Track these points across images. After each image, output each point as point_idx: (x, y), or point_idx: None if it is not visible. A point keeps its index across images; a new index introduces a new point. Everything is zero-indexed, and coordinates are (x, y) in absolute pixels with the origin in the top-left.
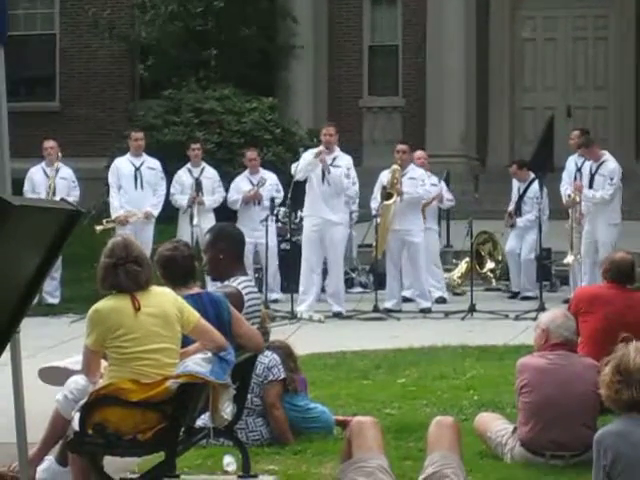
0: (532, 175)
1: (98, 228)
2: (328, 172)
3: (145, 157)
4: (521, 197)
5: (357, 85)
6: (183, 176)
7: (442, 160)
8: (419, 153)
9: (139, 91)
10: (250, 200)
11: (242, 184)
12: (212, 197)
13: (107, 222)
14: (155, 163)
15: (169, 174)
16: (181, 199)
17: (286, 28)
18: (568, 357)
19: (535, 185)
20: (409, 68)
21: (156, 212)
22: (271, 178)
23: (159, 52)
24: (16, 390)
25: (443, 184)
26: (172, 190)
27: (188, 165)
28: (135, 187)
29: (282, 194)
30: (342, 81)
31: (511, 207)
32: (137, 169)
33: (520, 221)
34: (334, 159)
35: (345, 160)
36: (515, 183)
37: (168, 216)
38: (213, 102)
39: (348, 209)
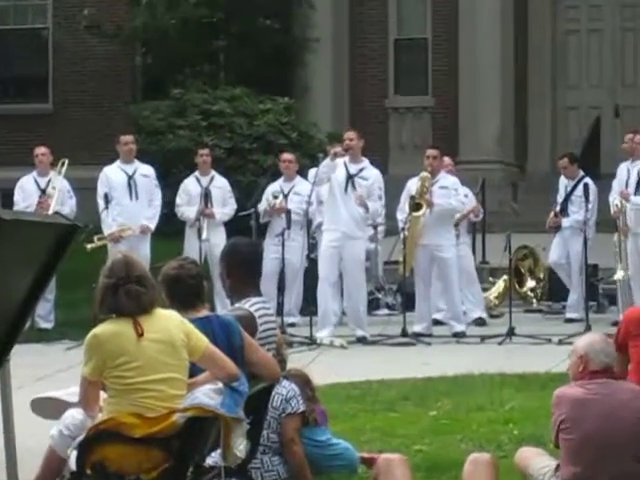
0: (581, 173)
1: (89, 246)
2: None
3: (137, 164)
4: (568, 196)
5: (382, 83)
6: (190, 185)
7: (476, 167)
8: (445, 160)
9: (141, 91)
10: (274, 214)
11: (273, 190)
12: (223, 209)
13: (98, 239)
14: (149, 170)
15: (174, 184)
16: (188, 211)
17: (302, 17)
18: (610, 385)
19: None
20: (439, 64)
21: (153, 225)
22: (304, 188)
23: (159, 45)
24: (6, 424)
25: (471, 195)
26: (178, 201)
27: (196, 173)
28: (130, 197)
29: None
30: (365, 79)
31: (557, 207)
32: (130, 177)
33: (566, 221)
34: (360, 170)
35: (373, 175)
36: (562, 181)
37: (173, 231)
38: (222, 103)
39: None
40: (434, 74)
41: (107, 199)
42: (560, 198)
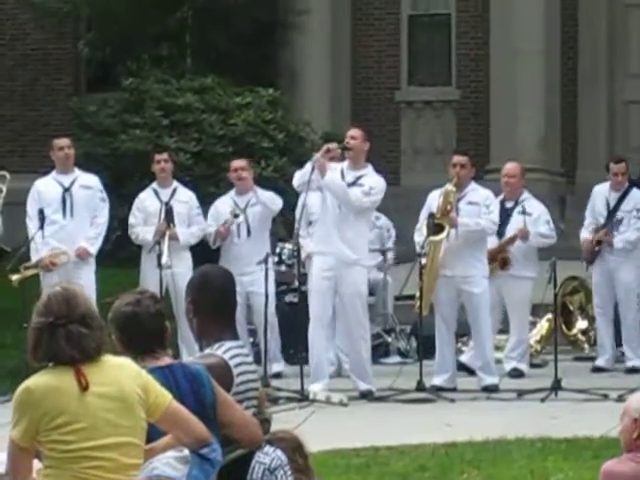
0: (626, 182)
1: (14, 278)
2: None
3: (78, 173)
4: (614, 210)
5: (393, 71)
6: (147, 201)
7: None
8: (511, 168)
9: (85, 81)
10: (221, 237)
11: (223, 209)
12: (188, 230)
13: (25, 268)
14: (91, 180)
15: (129, 197)
16: (144, 232)
17: None
18: None
19: (635, 194)
20: (466, 47)
21: (94, 249)
22: (270, 198)
23: (107, 23)
24: None
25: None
26: (132, 220)
27: (154, 185)
28: (63, 215)
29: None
30: (371, 65)
31: (601, 222)
32: (66, 190)
33: (618, 241)
34: (359, 178)
35: (372, 180)
36: (601, 191)
37: (128, 257)
38: (189, 96)
39: (378, 243)
40: (459, 59)
41: (42, 218)
42: (603, 210)
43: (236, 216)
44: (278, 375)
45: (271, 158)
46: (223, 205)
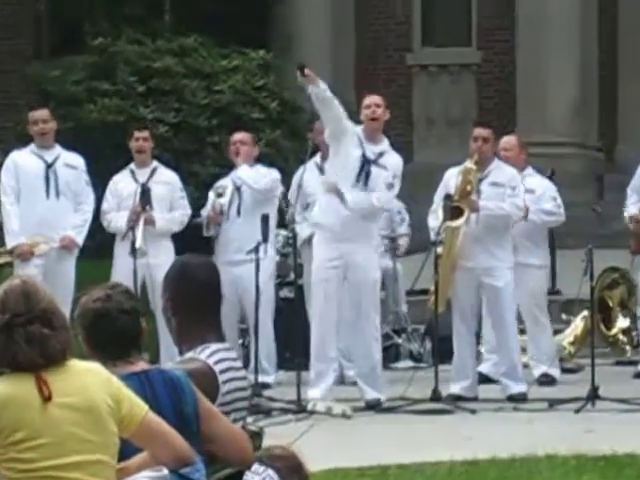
0: None
1: None
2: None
3: (59, 150)
4: None
5: (403, 29)
6: (121, 183)
7: (543, 152)
8: (508, 140)
9: (48, 43)
10: (213, 222)
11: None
12: (168, 214)
13: None
14: (76, 160)
15: (99, 177)
16: (117, 218)
17: None
18: None
19: None
20: (489, 1)
21: (80, 238)
22: (269, 174)
23: None
24: None
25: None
26: (104, 206)
27: (131, 166)
28: (47, 196)
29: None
30: (379, 22)
31: None
32: (49, 166)
33: None
34: (380, 155)
35: (394, 161)
36: None
37: (99, 246)
38: (168, 58)
39: (387, 228)
40: (480, 16)
41: (13, 196)
42: None
43: (219, 195)
44: (266, 386)
45: (263, 130)
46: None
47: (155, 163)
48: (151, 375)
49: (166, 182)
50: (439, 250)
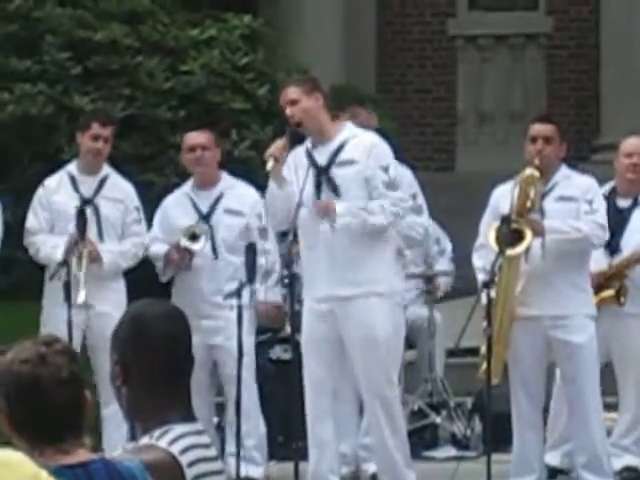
0: None
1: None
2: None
3: None
4: None
5: None
6: (57, 193)
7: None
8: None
9: None
10: (174, 265)
11: (177, 214)
12: (119, 246)
13: None
14: None
15: (11, 192)
16: (50, 245)
17: None
18: None
19: None
20: None
21: None
22: (250, 200)
23: None
24: None
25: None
26: (30, 222)
27: (71, 168)
28: None
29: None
30: None
31: None
32: None
33: None
34: (337, 151)
35: (367, 142)
36: None
37: (16, 284)
38: (115, 27)
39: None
40: None
41: None
42: None
43: (194, 238)
44: None
45: (247, 126)
46: (177, 207)
47: (106, 169)
48: (92, 468)
49: (118, 199)
50: (492, 294)
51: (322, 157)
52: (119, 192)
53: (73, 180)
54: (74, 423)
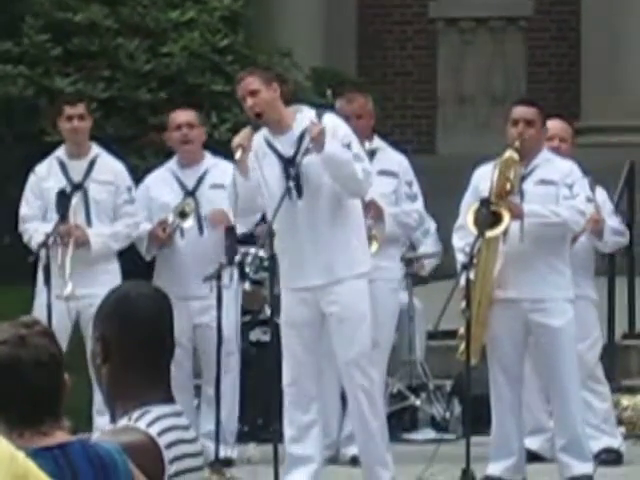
0: None
1: None
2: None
3: None
4: None
5: None
6: (47, 180)
7: (618, 140)
8: (555, 125)
9: None
10: (157, 243)
11: (161, 192)
12: (109, 228)
13: None
14: None
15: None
16: (40, 231)
17: None
18: None
19: None
20: None
21: None
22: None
23: None
24: None
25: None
26: (24, 210)
27: (59, 153)
28: None
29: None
30: None
31: None
32: None
33: None
34: (301, 138)
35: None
36: None
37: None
38: (95, 9)
39: (398, 246)
40: None
41: None
42: None
43: (183, 216)
44: (228, 462)
45: (228, 109)
46: (161, 185)
47: (95, 149)
48: (71, 450)
49: (108, 181)
50: (471, 276)
51: (285, 147)
52: (109, 173)
53: (62, 165)
54: (53, 405)
